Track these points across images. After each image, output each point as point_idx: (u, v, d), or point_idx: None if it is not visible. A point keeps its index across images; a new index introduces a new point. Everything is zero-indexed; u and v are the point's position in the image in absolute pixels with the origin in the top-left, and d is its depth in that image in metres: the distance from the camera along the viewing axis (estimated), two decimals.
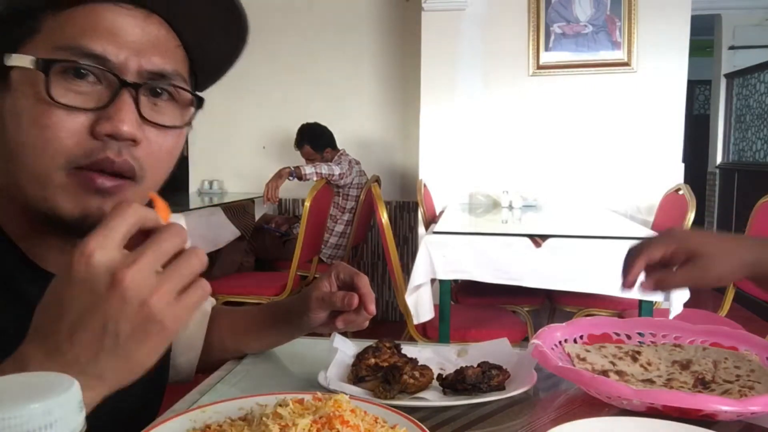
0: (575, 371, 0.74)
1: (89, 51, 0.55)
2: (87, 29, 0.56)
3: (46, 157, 0.55)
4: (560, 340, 0.88)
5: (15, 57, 0.56)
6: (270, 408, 0.60)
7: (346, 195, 3.66)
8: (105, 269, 0.44)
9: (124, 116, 0.56)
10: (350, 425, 0.55)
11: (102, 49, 0.56)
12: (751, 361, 0.80)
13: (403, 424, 0.60)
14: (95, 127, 0.56)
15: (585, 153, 3.58)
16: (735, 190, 4.68)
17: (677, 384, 0.78)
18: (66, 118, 0.55)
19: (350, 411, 0.58)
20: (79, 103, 0.55)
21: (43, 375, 0.35)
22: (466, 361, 0.87)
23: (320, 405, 0.59)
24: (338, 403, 0.58)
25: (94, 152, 0.56)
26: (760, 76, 4.51)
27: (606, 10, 3.51)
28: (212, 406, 0.66)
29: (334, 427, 0.55)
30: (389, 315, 4.40)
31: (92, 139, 0.56)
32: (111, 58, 0.56)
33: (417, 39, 3.67)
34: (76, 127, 0.55)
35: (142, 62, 0.58)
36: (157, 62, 0.59)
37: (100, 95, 0.56)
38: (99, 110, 0.56)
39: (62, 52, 0.55)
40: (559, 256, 2.22)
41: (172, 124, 0.61)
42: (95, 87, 0.56)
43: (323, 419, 0.56)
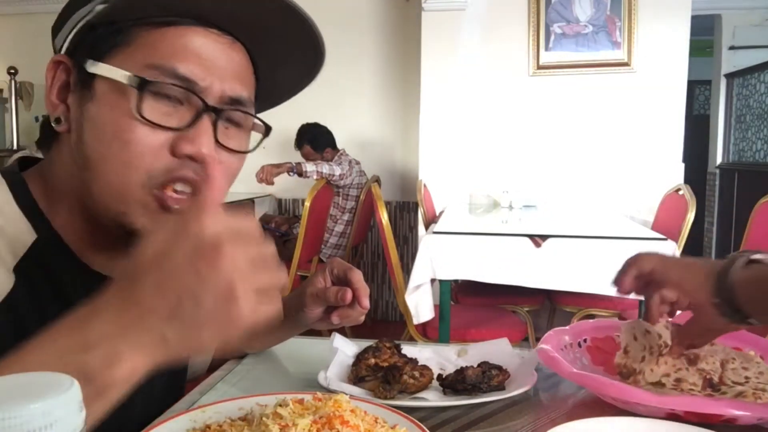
0: (592, 377, 0.73)
1: (180, 73, 0.57)
2: (178, 51, 0.57)
3: (129, 172, 0.57)
4: (566, 344, 0.88)
5: (106, 68, 0.57)
6: (270, 408, 0.60)
7: (346, 195, 3.66)
8: (213, 236, 0.44)
9: (204, 140, 0.58)
10: (350, 425, 0.55)
11: (191, 73, 0.57)
12: (759, 363, 0.79)
13: (403, 424, 0.60)
14: (176, 147, 0.58)
15: (585, 153, 3.58)
16: (735, 190, 4.68)
17: (687, 386, 0.78)
18: (150, 134, 0.57)
19: (350, 411, 0.58)
20: (164, 121, 0.57)
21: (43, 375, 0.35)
22: (466, 361, 0.87)
23: (320, 405, 0.59)
24: (338, 403, 0.58)
25: (173, 169, 0.58)
26: (760, 76, 4.50)
27: (606, 10, 3.51)
28: (212, 406, 0.66)
29: (334, 427, 0.55)
30: (389, 315, 4.40)
31: (172, 157, 0.58)
32: (198, 81, 0.58)
33: (417, 39, 3.67)
34: (158, 144, 0.57)
35: (225, 88, 0.60)
36: (237, 89, 0.61)
37: (183, 115, 0.58)
38: (180, 130, 0.58)
39: (154, 71, 0.56)
40: (559, 256, 2.22)
41: (240, 149, 0.64)
42: (178, 107, 0.58)
43: (323, 419, 0.56)
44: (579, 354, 0.88)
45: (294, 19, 0.60)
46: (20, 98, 4.81)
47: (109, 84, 0.57)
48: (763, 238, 2.40)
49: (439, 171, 3.63)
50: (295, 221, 3.96)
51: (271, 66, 0.66)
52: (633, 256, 0.81)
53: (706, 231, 5.23)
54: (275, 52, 0.65)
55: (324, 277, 0.81)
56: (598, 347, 0.89)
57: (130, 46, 0.57)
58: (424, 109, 3.63)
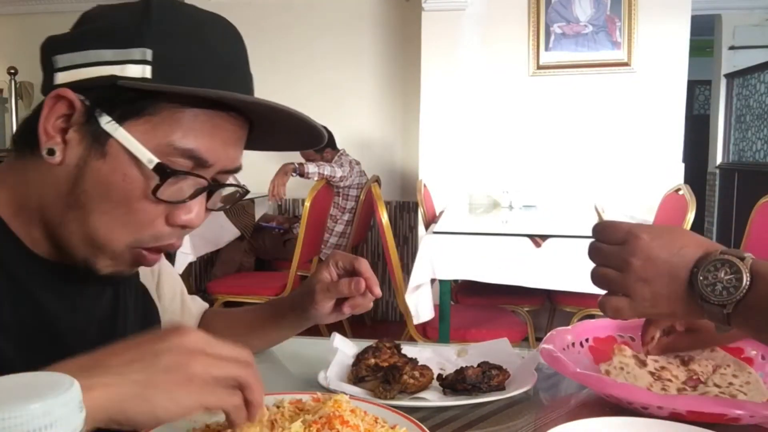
0: (596, 377, 0.73)
1: (196, 155, 0.58)
2: (200, 133, 0.58)
3: (119, 234, 0.59)
4: (568, 344, 0.88)
5: (127, 138, 0.57)
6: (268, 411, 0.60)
7: (346, 195, 3.66)
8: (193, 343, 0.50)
9: (199, 211, 0.61)
10: (350, 425, 0.55)
11: (206, 156, 0.59)
12: (750, 374, 0.80)
13: (403, 424, 0.60)
14: (173, 217, 0.60)
15: (585, 153, 3.58)
16: (735, 190, 4.68)
17: (667, 375, 0.79)
18: (154, 207, 0.59)
19: (350, 411, 0.58)
20: (169, 197, 0.59)
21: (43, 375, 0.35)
22: (466, 361, 0.87)
23: (319, 406, 0.59)
24: (338, 403, 0.58)
25: (162, 237, 0.61)
26: (760, 76, 4.50)
27: (606, 10, 3.51)
28: None
29: (334, 427, 0.55)
30: (389, 315, 4.40)
31: (166, 225, 0.60)
32: (209, 160, 0.60)
33: (417, 39, 3.66)
34: (158, 215, 0.60)
35: (226, 164, 0.62)
36: (236, 161, 0.64)
37: (183, 188, 0.60)
38: (180, 203, 0.60)
39: (170, 149, 0.57)
40: (559, 256, 2.22)
41: (213, 206, 0.66)
42: (180, 181, 0.60)
43: (323, 419, 0.56)
44: (581, 354, 0.88)
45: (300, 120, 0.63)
46: (20, 98, 4.80)
47: (127, 153, 0.57)
48: (763, 238, 2.40)
49: (439, 171, 3.63)
50: (295, 221, 3.96)
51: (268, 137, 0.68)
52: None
53: (706, 231, 5.23)
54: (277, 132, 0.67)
55: (330, 271, 0.81)
56: (600, 347, 0.89)
57: (153, 117, 0.57)
58: (424, 109, 3.63)
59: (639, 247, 0.63)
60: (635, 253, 0.63)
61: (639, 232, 0.64)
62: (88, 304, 0.70)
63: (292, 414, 0.60)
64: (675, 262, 0.62)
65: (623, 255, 0.64)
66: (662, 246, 0.63)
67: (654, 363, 0.82)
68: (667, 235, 0.64)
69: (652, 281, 0.62)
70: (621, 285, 0.65)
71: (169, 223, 0.60)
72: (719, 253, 0.60)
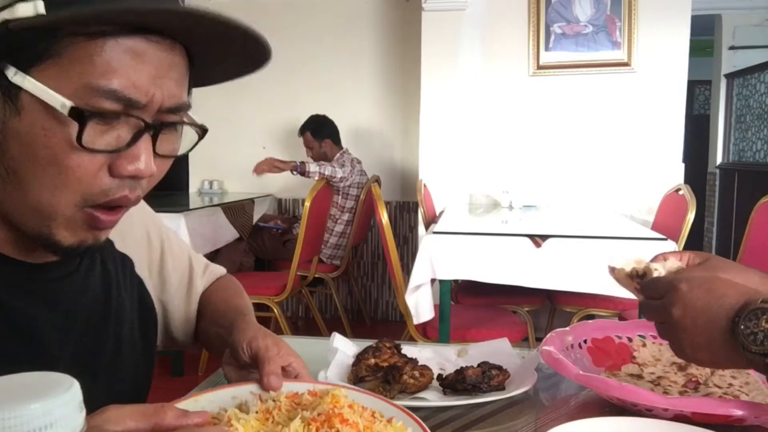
0: (599, 379, 0.73)
1: (120, 94, 0.52)
2: (118, 66, 0.52)
3: (63, 196, 0.54)
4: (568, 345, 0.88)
5: (36, 86, 0.51)
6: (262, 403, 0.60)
7: (346, 194, 3.66)
8: None
9: (146, 158, 0.55)
10: (349, 423, 0.55)
11: (132, 92, 0.53)
12: (749, 375, 0.80)
13: (399, 417, 0.60)
14: (116, 168, 0.55)
15: (585, 153, 3.58)
16: (735, 190, 4.68)
17: (666, 383, 0.79)
18: (89, 159, 0.53)
19: (348, 407, 0.58)
20: (103, 146, 0.53)
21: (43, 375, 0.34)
22: (466, 361, 0.87)
23: (317, 401, 0.59)
24: (336, 399, 0.58)
25: (111, 191, 0.56)
26: (760, 76, 4.50)
27: (606, 10, 3.51)
28: (205, 395, 0.64)
29: (334, 425, 0.54)
30: (389, 315, 4.40)
31: (110, 177, 0.55)
32: (140, 100, 0.53)
33: (417, 39, 3.66)
34: (97, 167, 0.54)
35: (165, 99, 0.56)
36: (176, 97, 0.57)
37: (120, 134, 0.54)
38: (119, 151, 0.55)
39: (90, 92, 0.51)
40: (559, 256, 2.21)
41: (172, 153, 0.61)
42: (115, 124, 0.54)
43: (322, 416, 0.55)
44: (580, 355, 0.88)
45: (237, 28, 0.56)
46: None
47: (41, 104, 0.51)
48: (763, 238, 2.40)
49: (439, 171, 3.63)
50: (294, 221, 3.96)
51: (211, 62, 0.62)
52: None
53: (706, 231, 5.23)
54: (217, 53, 0.60)
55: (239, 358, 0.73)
56: (598, 347, 0.89)
57: (61, 58, 0.51)
58: (424, 108, 3.63)
59: (677, 298, 0.65)
60: (674, 303, 0.65)
61: (678, 283, 0.66)
62: (68, 303, 0.66)
63: (289, 409, 0.60)
64: (714, 311, 0.63)
65: (664, 307, 0.66)
66: (701, 296, 0.64)
67: (651, 375, 0.82)
68: (706, 284, 0.65)
69: (690, 330, 0.64)
70: (665, 335, 0.67)
71: (114, 175, 0.55)
72: (760, 302, 0.60)
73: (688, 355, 0.66)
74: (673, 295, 0.65)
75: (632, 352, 0.89)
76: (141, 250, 0.82)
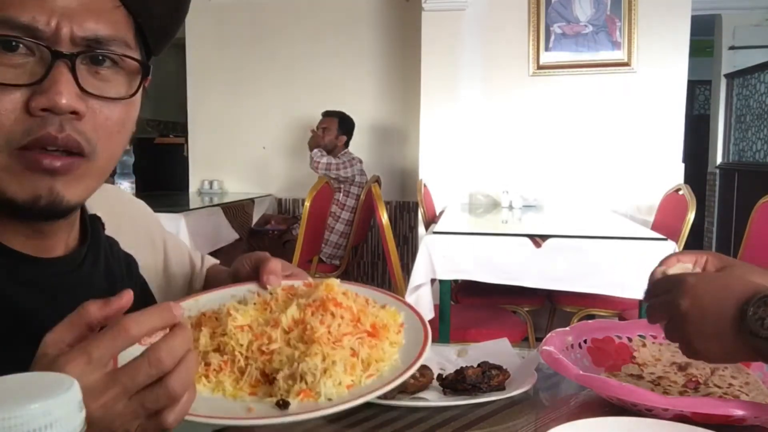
0: (599, 379, 0.73)
1: (17, 22, 0.50)
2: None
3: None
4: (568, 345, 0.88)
5: None
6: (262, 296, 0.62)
7: (347, 192, 3.67)
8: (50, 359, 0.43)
9: (61, 88, 0.52)
10: (343, 307, 0.56)
11: (30, 19, 0.51)
12: (749, 375, 0.80)
13: (392, 304, 0.62)
14: (31, 103, 0.52)
15: (585, 153, 3.58)
16: (735, 190, 4.68)
17: (666, 383, 0.79)
18: (1, 97, 0.51)
19: (342, 293, 0.59)
20: (11, 78, 0.51)
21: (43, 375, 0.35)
22: (466, 361, 0.87)
23: (311, 291, 0.60)
24: (330, 287, 0.60)
25: (33, 130, 0.52)
26: (760, 76, 4.50)
27: (606, 10, 3.51)
28: (205, 294, 0.66)
29: (328, 309, 0.56)
30: None
31: (29, 116, 0.52)
32: (41, 27, 0.51)
33: (417, 39, 3.66)
34: (11, 104, 0.52)
35: (74, 29, 0.53)
36: (91, 27, 0.54)
37: (34, 69, 0.52)
38: (34, 85, 0.52)
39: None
40: (559, 256, 2.21)
41: (117, 95, 0.57)
42: (28, 60, 0.52)
43: (317, 302, 0.57)
44: (580, 355, 0.88)
45: None
46: None
47: None
48: (763, 238, 2.40)
49: (439, 171, 3.63)
50: (294, 222, 3.97)
51: None
52: None
53: (706, 231, 5.23)
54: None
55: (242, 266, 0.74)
56: (598, 348, 0.89)
57: None
58: (424, 109, 3.63)
59: (685, 289, 0.65)
60: (682, 295, 0.65)
61: (685, 276, 0.67)
62: (71, 298, 0.64)
63: (286, 299, 0.61)
64: (723, 301, 0.63)
65: (671, 299, 0.66)
66: (708, 286, 0.64)
67: (651, 375, 0.82)
68: (713, 277, 0.66)
69: (698, 322, 0.64)
70: (673, 333, 0.67)
71: (31, 113, 0.52)
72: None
73: (696, 349, 0.66)
74: (680, 288, 0.65)
75: (632, 352, 0.88)
76: (145, 251, 0.82)
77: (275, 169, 4.44)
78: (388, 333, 0.58)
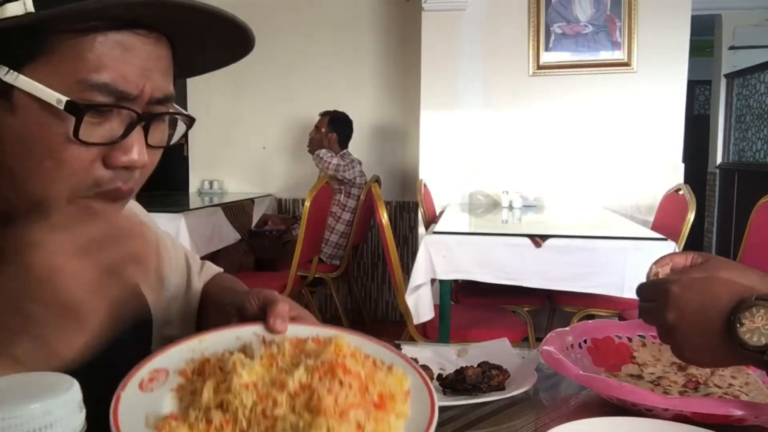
0: (600, 380, 0.73)
1: (112, 88, 0.54)
2: (108, 61, 0.53)
3: (56, 188, 0.55)
4: (568, 345, 0.88)
5: (30, 83, 0.52)
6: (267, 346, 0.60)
7: (348, 193, 3.67)
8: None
9: (139, 149, 0.56)
10: (352, 373, 0.56)
11: (124, 85, 0.54)
12: (749, 375, 0.80)
13: (399, 364, 0.61)
14: (110, 159, 0.56)
15: (585, 153, 3.58)
16: (735, 190, 4.68)
17: (666, 383, 0.79)
18: (84, 152, 0.55)
19: (351, 355, 0.59)
20: (98, 138, 0.55)
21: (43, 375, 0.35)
22: (466, 361, 0.87)
23: (320, 349, 0.60)
24: (339, 347, 0.59)
25: (104, 182, 0.56)
26: (760, 76, 4.50)
27: (606, 10, 3.51)
28: (209, 334, 0.65)
29: (337, 375, 0.55)
30: (389, 315, 4.40)
31: (104, 169, 0.56)
32: (131, 92, 0.55)
33: (417, 39, 3.67)
34: (92, 159, 0.55)
35: (154, 92, 0.57)
36: (164, 88, 0.59)
37: (113, 126, 0.56)
38: (114, 143, 0.56)
39: (84, 87, 0.53)
40: (559, 256, 2.22)
41: (161, 143, 0.62)
42: (108, 116, 0.56)
43: (325, 365, 0.56)
44: (580, 355, 0.88)
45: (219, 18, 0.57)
46: None
47: (35, 101, 0.52)
48: (763, 238, 2.40)
49: (439, 171, 3.63)
50: (293, 222, 3.97)
51: (194, 52, 0.63)
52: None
53: (706, 231, 5.23)
54: (201, 42, 0.61)
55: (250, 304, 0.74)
56: (598, 348, 0.89)
57: (53, 55, 0.52)
58: (424, 109, 3.63)
59: (670, 301, 0.65)
60: (668, 307, 0.65)
61: (670, 285, 0.65)
62: None
63: (293, 355, 0.60)
64: (709, 312, 0.62)
65: (657, 310, 0.66)
66: (693, 297, 0.64)
67: (651, 375, 0.82)
68: (698, 286, 0.65)
69: (687, 334, 0.64)
70: (664, 339, 0.67)
71: (108, 167, 0.56)
72: (754, 299, 0.59)
73: (689, 358, 0.66)
74: (665, 299, 0.65)
75: (632, 352, 0.88)
76: None
77: (275, 169, 4.44)
78: (394, 404, 0.57)
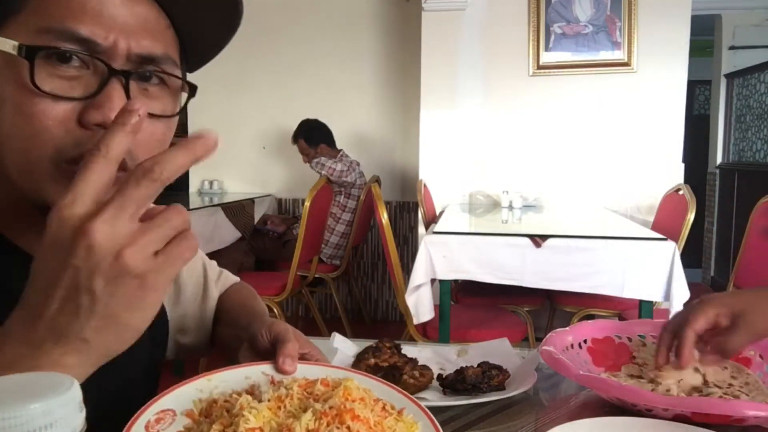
0: (600, 380, 0.73)
1: (76, 34, 0.52)
2: (73, 10, 0.52)
3: (35, 147, 0.52)
4: (568, 345, 0.87)
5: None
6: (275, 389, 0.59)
7: (348, 194, 3.67)
8: (73, 222, 0.41)
9: (114, 105, 0.52)
10: (361, 419, 0.55)
11: (89, 32, 0.52)
12: (749, 375, 0.80)
13: (410, 408, 0.60)
14: (84, 116, 0.53)
15: (585, 153, 3.58)
16: (735, 190, 4.68)
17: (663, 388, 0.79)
18: (52, 106, 0.52)
19: (360, 400, 0.58)
20: (66, 91, 0.52)
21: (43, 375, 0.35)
22: (466, 361, 0.87)
23: (329, 392, 0.59)
24: (348, 392, 0.58)
25: (83, 142, 0.53)
26: (760, 76, 4.50)
27: (606, 10, 3.51)
28: (218, 374, 0.64)
29: (345, 421, 0.54)
30: (389, 315, 4.40)
31: (81, 128, 0.53)
32: (99, 41, 0.52)
33: (417, 39, 3.67)
34: (64, 115, 0.52)
35: (131, 45, 0.54)
36: (147, 45, 0.56)
37: (88, 82, 0.53)
38: (87, 99, 0.53)
39: (46, 36, 0.51)
40: (559, 256, 2.22)
41: (162, 113, 0.58)
42: (82, 72, 0.53)
43: (333, 410, 0.55)
44: (580, 355, 0.88)
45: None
46: None
47: (2, 57, 0.51)
48: (763, 238, 2.40)
49: (439, 171, 3.63)
50: (293, 222, 3.96)
51: (187, 18, 0.60)
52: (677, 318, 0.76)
53: (706, 231, 5.22)
54: (186, 2, 0.59)
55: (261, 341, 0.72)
56: (598, 348, 0.89)
57: (21, 12, 0.52)
58: (424, 108, 3.63)
59: None
60: None
61: None
62: None
63: (301, 398, 0.60)
64: None
65: None
66: None
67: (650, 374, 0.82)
68: None
69: None
70: None
71: (84, 125, 0.53)
72: None
73: None
74: None
75: (632, 352, 0.88)
76: None
77: (275, 169, 4.45)
78: None
